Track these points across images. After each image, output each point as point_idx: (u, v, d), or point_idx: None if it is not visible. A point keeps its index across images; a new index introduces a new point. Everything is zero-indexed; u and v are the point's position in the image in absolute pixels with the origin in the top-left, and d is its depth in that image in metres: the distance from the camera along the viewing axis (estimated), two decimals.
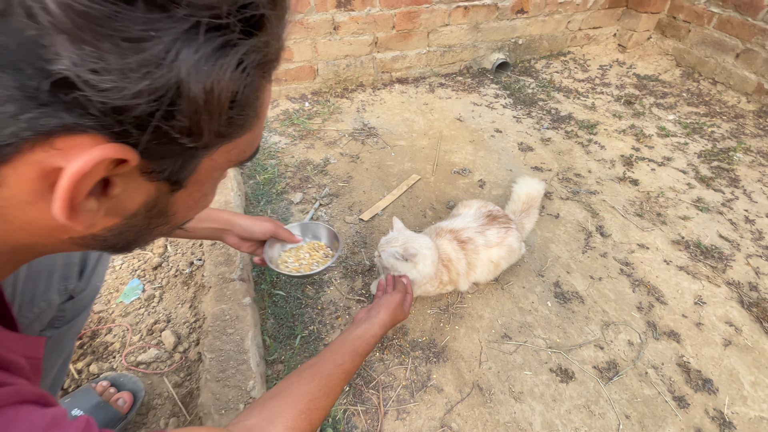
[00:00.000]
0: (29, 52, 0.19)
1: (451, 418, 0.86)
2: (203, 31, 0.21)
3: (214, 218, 0.80)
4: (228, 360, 0.78)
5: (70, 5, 0.18)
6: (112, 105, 0.20)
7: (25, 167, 0.22)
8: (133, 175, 0.26)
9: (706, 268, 1.22)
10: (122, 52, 0.19)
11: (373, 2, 1.80)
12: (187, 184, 0.30)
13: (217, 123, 0.25)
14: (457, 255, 0.98)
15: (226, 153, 0.30)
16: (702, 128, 1.85)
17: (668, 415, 0.89)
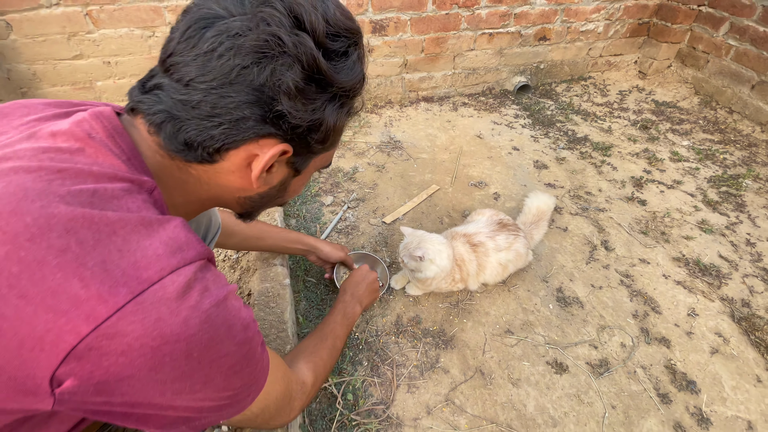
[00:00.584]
0: (266, 100, 0.41)
1: (455, 395, 1.00)
2: (339, 97, 0.46)
3: (303, 241, 1.12)
4: (270, 328, 0.94)
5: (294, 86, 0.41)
6: (292, 125, 0.43)
7: (241, 152, 0.44)
8: (283, 162, 0.49)
9: (702, 284, 1.31)
10: (312, 104, 0.43)
11: (405, 29, 1.99)
12: (302, 173, 0.53)
13: (328, 139, 0.49)
14: (469, 257, 1.12)
15: (321, 158, 0.54)
16: (714, 155, 1.92)
17: (651, 409, 0.99)
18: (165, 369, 0.36)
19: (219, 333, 0.39)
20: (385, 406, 0.96)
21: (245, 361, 0.44)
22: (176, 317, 0.35)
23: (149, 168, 0.45)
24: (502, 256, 1.16)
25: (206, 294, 0.39)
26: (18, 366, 0.32)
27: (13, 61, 1.65)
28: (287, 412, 0.61)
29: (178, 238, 0.39)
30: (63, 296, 0.32)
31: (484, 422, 0.95)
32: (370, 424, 0.92)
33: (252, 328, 0.46)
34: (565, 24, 2.26)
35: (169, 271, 0.36)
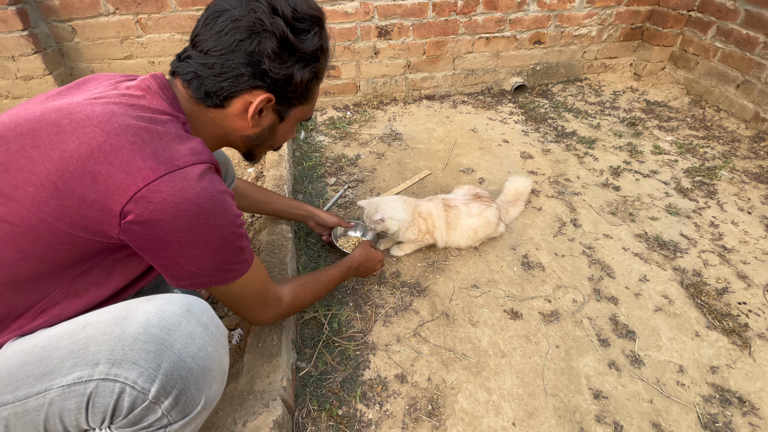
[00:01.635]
0: (255, 61, 0.65)
1: (422, 330, 1.19)
2: (304, 60, 0.69)
3: (303, 208, 1.36)
4: (273, 268, 1.18)
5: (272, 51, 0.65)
6: (274, 79, 0.67)
7: (241, 99, 0.69)
8: (271, 109, 0.73)
9: (659, 256, 1.45)
10: (284, 64, 0.67)
11: (408, 33, 2.22)
12: (284, 120, 0.77)
13: (301, 93, 0.73)
14: (438, 213, 1.34)
15: (300, 110, 0.77)
16: (695, 149, 2.05)
17: (590, 350, 1.16)
18: (182, 218, 0.57)
19: (218, 209, 0.61)
20: (363, 334, 1.17)
21: (233, 237, 0.66)
22: (193, 189, 0.58)
23: (184, 111, 0.69)
24: (473, 221, 1.35)
25: (213, 183, 0.61)
26: (106, 201, 0.55)
27: (75, 60, 1.98)
28: (260, 311, 0.81)
29: (197, 148, 0.63)
30: (131, 165, 0.55)
31: (444, 350, 1.14)
32: (349, 346, 1.13)
33: (240, 223, 0.67)
34: (558, 29, 2.44)
35: (191, 163, 0.59)
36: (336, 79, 2.30)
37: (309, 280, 0.99)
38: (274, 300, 0.84)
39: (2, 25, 1.75)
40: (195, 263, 0.63)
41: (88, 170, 0.54)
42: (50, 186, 0.54)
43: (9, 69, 1.87)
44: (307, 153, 1.99)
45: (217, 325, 0.63)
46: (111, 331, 0.54)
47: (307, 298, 0.96)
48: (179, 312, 0.58)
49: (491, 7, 2.24)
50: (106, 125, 0.57)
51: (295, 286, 0.93)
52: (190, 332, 0.57)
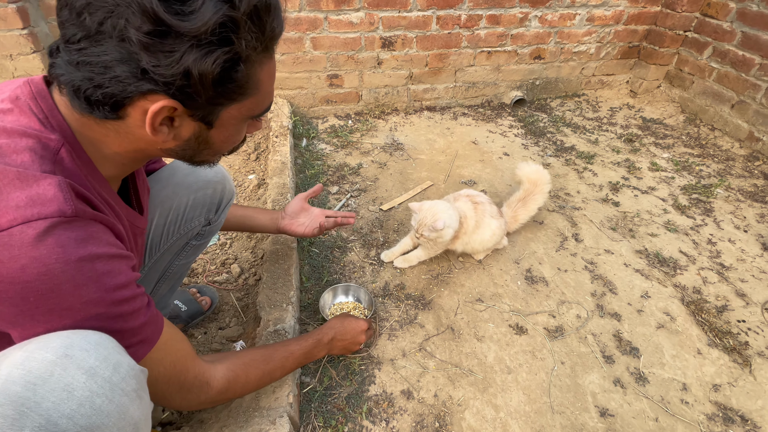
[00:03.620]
0: (131, 56, 0.43)
1: (427, 344, 1.18)
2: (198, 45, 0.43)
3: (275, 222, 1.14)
4: (278, 278, 1.16)
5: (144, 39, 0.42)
6: (165, 81, 0.44)
7: (137, 108, 0.47)
8: (185, 116, 0.50)
9: (659, 273, 1.47)
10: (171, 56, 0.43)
11: (411, 45, 2.24)
12: (215, 126, 0.54)
13: (222, 90, 0.49)
14: (471, 213, 1.31)
15: (237, 110, 0.54)
16: (692, 166, 2.09)
17: (595, 366, 1.16)
18: (4, 303, 0.43)
19: (62, 287, 0.43)
20: (367, 348, 1.15)
21: (105, 318, 0.48)
22: (15, 263, 0.41)
23: (70, 125, 0.50)
24: (494, 222, 1.35)
25: (58, 251, 0.42)
26: None
27: None
28: (177, 399, 0.63)
29: (44, 194, 0.43)
30: None
31: (450, 366, 1.13)
32: (354, 360, 1.11)
33: (121, 297, 0.49)
34: (558, 45, 2.48)
35: (20, 222, 0.41)
36: (339, 87, 2.30)
37: (257, 358, 0.78)
38: (197, 385, 0.65)
39: (2, 23, 1.72)
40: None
41: None
42: None
43: (6, 68, 1.83)
44: (309, 161, 1.98)
45: (114, 366, 0.46)
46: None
47: (251, 382, 0.75)
48: (51, 359, 0.42)
49: (494, 21, 2.27)
50: None
51: (234, 365, 0.72)
52: (67, 384, 0.42)
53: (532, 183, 1.49)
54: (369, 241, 1.53)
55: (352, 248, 1.50)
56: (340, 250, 1.48)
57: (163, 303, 1.04)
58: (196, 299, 1.20)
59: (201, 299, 1.21)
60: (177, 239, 0.94)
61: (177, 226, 0.92)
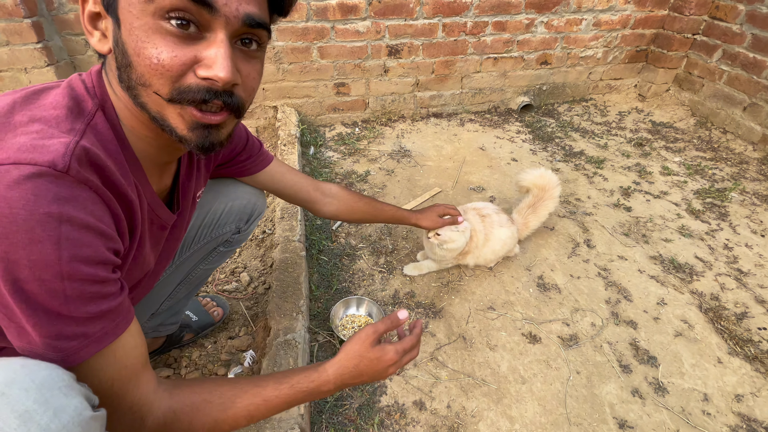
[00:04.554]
0: None
1: (439, 353, 1.16)
2: None
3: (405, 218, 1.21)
4: (287, 287, 1.15)
5: None
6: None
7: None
8: (104, 13, 0.46)
9: (675, 279, 1.44)
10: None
11: (418, 52, 2.24)
12: (121, 23, 0.44)
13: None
14: (480, 227, 1.30)
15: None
16: (704, 170, 2.05)
17: (612, 376, 1.13)
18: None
19: (16, 236, 0.38)
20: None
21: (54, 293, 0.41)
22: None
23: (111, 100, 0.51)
24: (503, 231, 1.33)
25: (30, 197, 0.39)
26: None
27: None
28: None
29: (48, 146, 0.41)
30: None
31: (462, 375, 1.11)
32: None
33: (81, 274, 0.42)
34: (565, 50, 2.47)
35: (11, 162, 0.39)
36: (345, 96, 2.31)
37: (213, 400, 0.58)
38: (129, 417, 0.51)
39: (17, 38, 1.76)
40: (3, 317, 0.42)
41: None
42: None
43: (21, 81, 1.87)
44: (317, 169, 1.98)
45: (55, 411, 0.38)
46: None
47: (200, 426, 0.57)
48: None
49: (500, 28, 2.27)
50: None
51: (181, 403, 0.56)
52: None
53: (540, 189, 1.46)
54: (378, 248, 1.52)
55: (360, 256, 1.49)
56: (349, 258, 1.47)
57: (176, 308, 1.04)
58: (209, 310, 1.20)
59: (213, 310, 1.20)
60: (207, 242, 0.96)
61: (210, 229, 0.94)
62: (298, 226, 1.39)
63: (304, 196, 1.03)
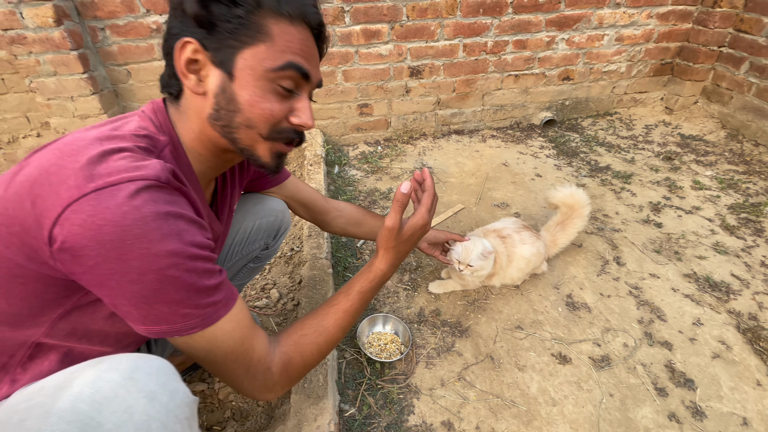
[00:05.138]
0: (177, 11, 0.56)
1: (466, 373, 1.16)
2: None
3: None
4: (316, 304, 1.18)
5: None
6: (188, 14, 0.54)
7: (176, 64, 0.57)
8: (207, 63, 0.56)
9: (711, 298, 1.39)
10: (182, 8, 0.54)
11: (438, 72, 2.29)
12: (236, 77, 0.56)
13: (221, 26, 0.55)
14: (501, 249, 1.30)
15: (252, 56, 0.56)
16: (737, 184, 1.99)
17: (647, 399, 1.09)
18: (106, 245, 0.46)
19: (152, 233, 0.47)
20: (405, 377, 1.14)
21: (182, 271, 0.50)
22: (118, 210, 0.46)
23: (175, 130, 0.62)
24: (526, 249, 1.33)
25: (151, 203, 0.48)
26: (39, 226, 0.47)
27: (128, 100, 2.12)
28: (246, 384, 0.61)
29: (147, 165, 0.51)
30: (64, 185, 0.47)
31: (491, 396, 1.10)
32: (392, 389, 1.10)
33: (197, 254, 0.52)
34: (587, 65, 2.47)
35: (126, 180, 0.48)
36: (368, 116, 2.37)
37: (307, 332, 0.69)
38: (260, 370, 0.62)
39: (64, 68, 1.90)
40: (136, 303, 0.51)
41: (33, 193, 0.48)
42: (3, 212, 0.49)
43: (67, 108, 2.01)
44: (341, 187, 2.03)
45: (171, 393, 0.48)
46: (45, 402, 0.45)
47: (308, 360, 0.68)
48: (118, 380, 0.45)
49: (520, 46, 2.30)
50: (64, 147, 0.50)
51: (286, 347, 0.66)
52: (128, 406, 0.44)
53: (569, 207, 1.45)
54: (402, 265, 1.54)
55: None
56: None
57: None
58: None
59: None
60: (238, 260, 1.01)
61: (240, 247, 1.00)
62: (325, 243, 1.42)
63: (319, 207, 1.10)
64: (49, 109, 2.00)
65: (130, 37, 1.96)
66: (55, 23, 1.77)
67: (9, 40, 1.79)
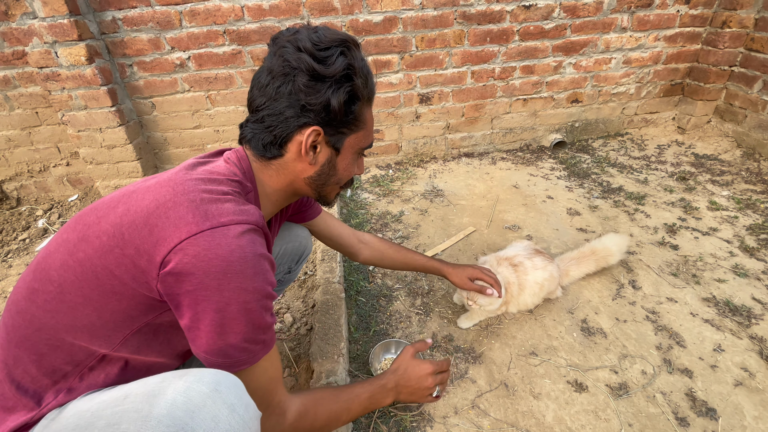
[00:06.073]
0: (297, 101, 0.68)
1: (480, 401, 1.15)
2: (335, 83, 0.67)
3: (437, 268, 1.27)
4: (329, 329, 1.20)
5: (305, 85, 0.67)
6: (315, 111, 0.68)
7: (294, 142, 0.71)
8: (323, 143, 0.72)
9: (732, 323, 1.35)
10: (318, 93, 0.67)
11: (448, 98, 2.35)
12: (341, 152, 0.75)
13: (347, 118, 0.71)
14: (513, 278, 1.30)
15: (355, 138, 0.75)
16: (755, 204, 1.95)
17: (668, 429, 1.06)
18: (211, 274, 0.55)
19: (248, 270, 0.58)
20: (418, 405, 1.14)
21: (259, 308, 0.60)
22: (227, 247, 0.57)
23: (254, 173, 0.74)
24: (538, 274, 1.33)
25: (251, 244, 0.60)
26: (153, 251, 0.56)
27: (152, 130, 2.23)
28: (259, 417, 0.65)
29: (247, 210, 0.63)
30: (182, 220, 0.57)
31: (506, 425, 1.08)
32: (405, 416, 1.10)
33: (270, 294, 0.62)
34: (595, 88, 2.50)
35: (235, 222, 0.59)
36: (380, 141, 2.43)
37: (326, 396, 0.81)
38: (276, 412, 0.70)
39: (94, 102, 2.02)
40: (213, 330, 0.59)
41: (149, 222, 0.57)
42: (119, 235, 0.58)
43: (96, 139, 2.12)
44: (354, 210, 2.07)
45: (246, 406, 0.55)
46: (141, 408, 0.51)
47: (319, 419, 0.77)
48: (206, 391, 0.52)
49: (528, 71, 2.35)
50: (178, 186, 0.61)
51: (307, 400, 0.76)
52: (215, 415, 0.51)
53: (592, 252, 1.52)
54: (414, 289, 1.55)
55: (397, 297, 1.52)
56: (386, 299, 1.51)
57: None
58: None
59: None
60: None
61: None
62: (338, 267, 1.45)
63: (346, 241, 1.18)
64: (79, 140, 2.12)
65: (156, 72, 2.08)
66: (87, 61, 1.90)
67: (44, 77, 1.92)
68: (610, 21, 2.29)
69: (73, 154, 2.29)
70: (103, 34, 1.97)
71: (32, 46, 1.86)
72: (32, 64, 1.90)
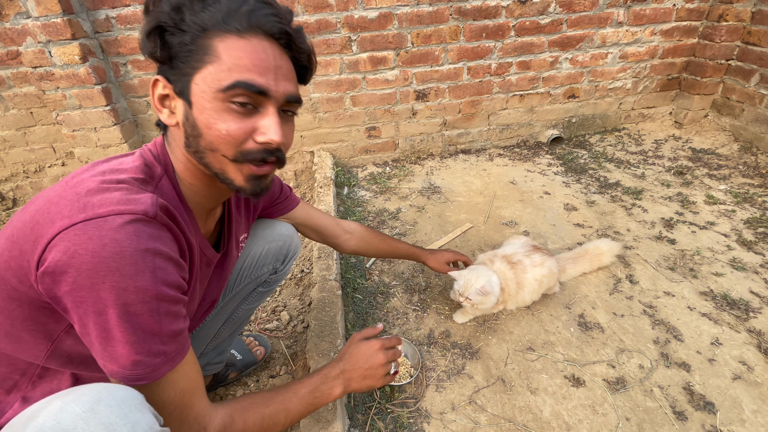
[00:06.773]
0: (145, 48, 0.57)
1: (477, 397, 1.14)
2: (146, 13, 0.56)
3: (416, 254, 1.30)
4: (325, 326, 1.19)
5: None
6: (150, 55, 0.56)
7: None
8: (173, 95, 0.58)
9: (729, 316, 1.35)
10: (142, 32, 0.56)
11: (444, 95, 2.34)
12: (193, 104, 0.56)
13: (172, 55, 0.55)
14: (510, 276, 1.30)
15: (202, 80, 0.55)
16: (753, 198, 1.95)
17: (666, 424, 1.06)
18: (82, 272, 0.48)
19: (125, 268, 0.49)
20: (415, 400, 1.13)
21: (146, 312, 0.51)
22: (100, 240, 0.48)
23: (173, 165, 0.64)
24: (537, 271, 1.32)
25: (134, 238, 0.50)
26: (32, 250, 0.50)
27: (147, 130, 2.22)
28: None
29: (138, 199, 0.53)
30: (59, 214, 0.50)
31: (503, 421, 1.08)
32: (402, 413, 1.09)
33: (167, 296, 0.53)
34: (592, 83, 2.49)
35: (115, 212, 0.50)
36: (376, 138, 2.43)
37: (256, 401, 0.70)
38: (196, 426, 0.61)
39: (88, 102, 2.01)
40: (99, 337, 0.51)
41: (33, 220, 0.51)
42: (11, 238, 0.53)
43: (91, 139, 2.11)
44: (351, 208, 2.06)
45: (132, 425, 0.47)
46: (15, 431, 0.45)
47: (249, 427, 0.66)
48: (79, 412, 0.45)
49: (524, 67, 2.34)
50: (71, 180, 0.55)
51: (232, 410, 0.66)
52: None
53: (586, 252, 1.53)
54: (411, 286, 1.54)
55: (394, 294, 1.51)
56: (383, 296, 1.50)
57: (221, 347, 1.09)
58: (252, 349, 1.25)
59: (256, 349, 1.26)
60: (248, 284, 1.03)
61: (250, 271, 1.02)
62: (334, 265, 1.45)
63: (330, 232, 1.14)
64: (73, 139, 2.11)
65: (150, 71, 2.07)
66: (81, 60, 1.89)
67: (38, 76, 1.91)
68: (606, 15, 2.28)
69: (68, 154, 2.28)
70: (97, 33, 1.96)
71: (26, 46, 1.85)
72: (26, 64, 1.89)
